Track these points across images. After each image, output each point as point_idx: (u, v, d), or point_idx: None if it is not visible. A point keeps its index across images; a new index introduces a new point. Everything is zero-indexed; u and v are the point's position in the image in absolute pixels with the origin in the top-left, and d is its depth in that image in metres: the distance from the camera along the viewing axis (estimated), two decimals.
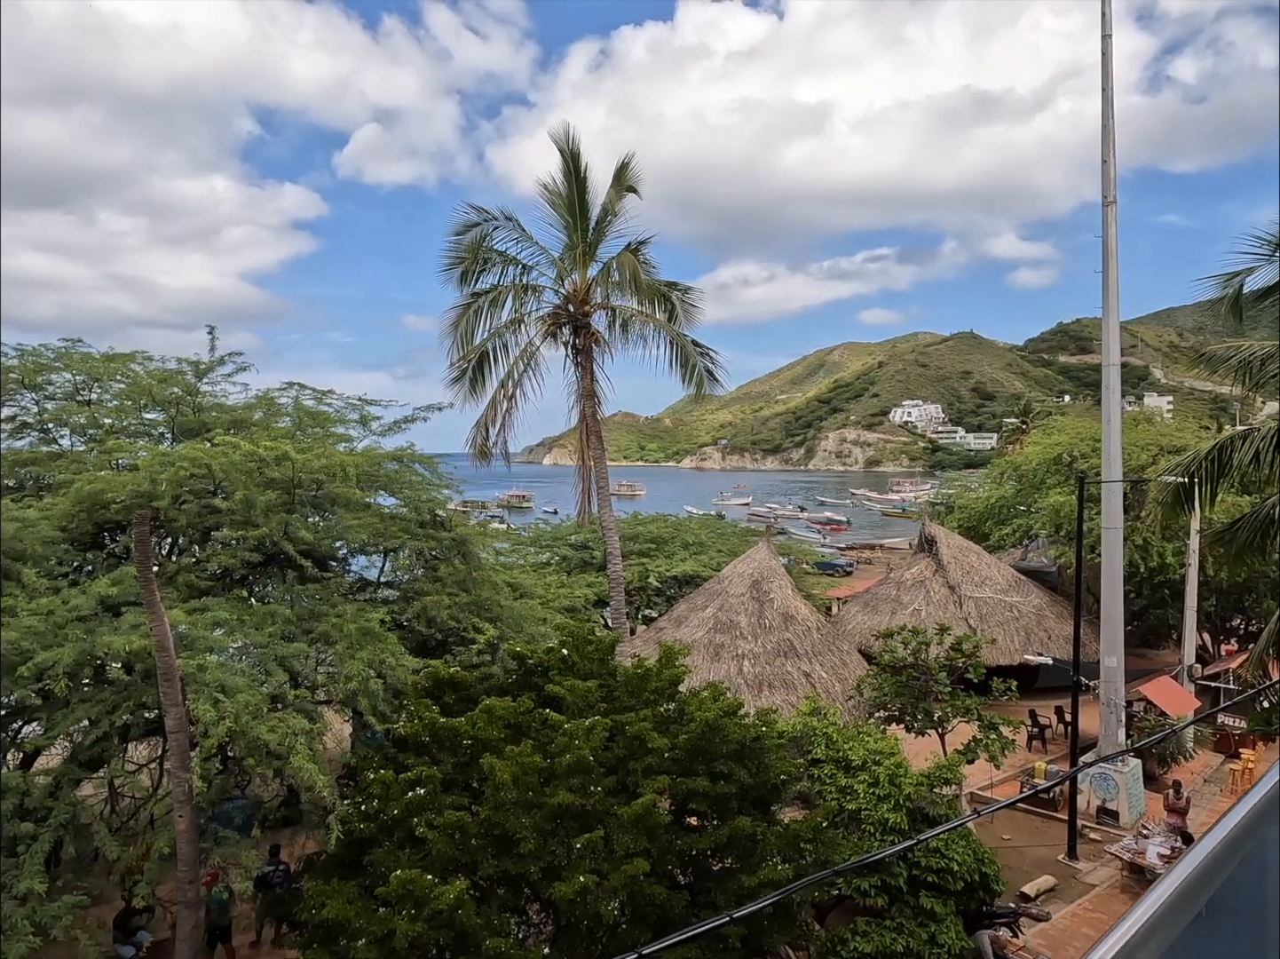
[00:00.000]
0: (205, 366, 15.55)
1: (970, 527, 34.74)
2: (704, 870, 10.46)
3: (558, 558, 32.33)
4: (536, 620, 15.95)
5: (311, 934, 9.38)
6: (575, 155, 16.58)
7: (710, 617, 23.51)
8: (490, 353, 16.60)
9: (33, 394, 14.53)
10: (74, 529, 11.71)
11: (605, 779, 9.54)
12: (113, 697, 9.49)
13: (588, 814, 9.30)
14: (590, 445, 17.06)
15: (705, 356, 17.49)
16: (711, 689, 11.56)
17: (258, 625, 10.67)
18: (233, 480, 11.55)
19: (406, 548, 14.06)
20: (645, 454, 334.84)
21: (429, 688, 11.07)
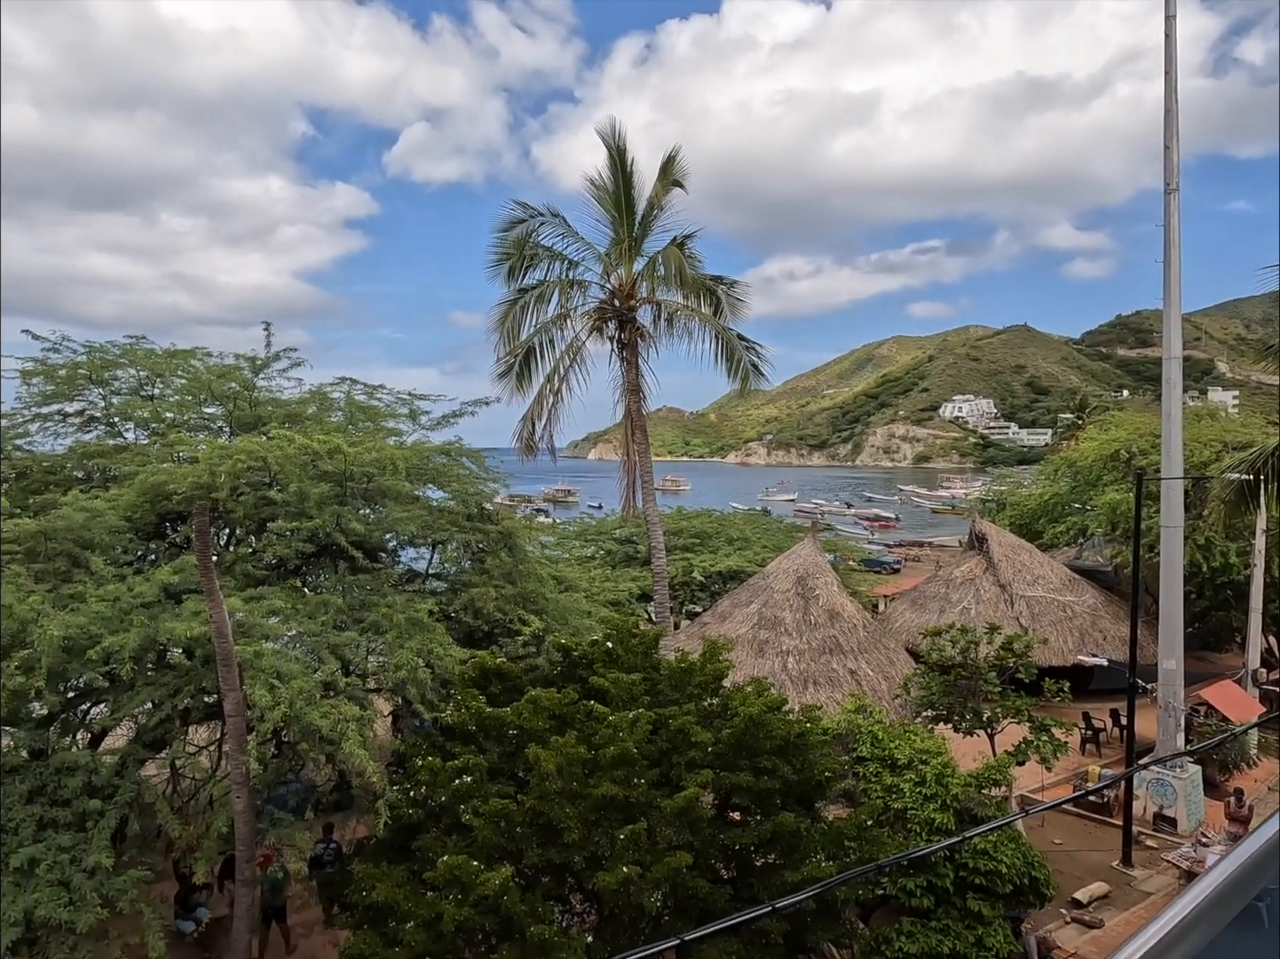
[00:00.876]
0: (261, 362, 15.98)
1: (1023, 524, 33.98)
2: (747, 865, 10.46)
3: (602, 552, 32.53)
4: (581, 613, 16.08)
5: (362, 915, 9.62)
6: (621, 150, 16.61)
7: (754, 612, 23.41)
8: (536, 348, 16.76)
9: (100, 389, 15.09)
10: (138, 519, 12.15)
11: (649, 772, 9.60)
12: (174, 681, 9.84)
13: (631, 806, 9.37)
14: (635, 440, 17.12)
15: (751, 351, 17.41)
16: (755, 684, 11.54)
17: (311, 614, 10.95)
18: (287, 473, 11.86)
19: (454, 540, 14.29)
20: (690, 449, 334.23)
21: (476, 678, 11.26)
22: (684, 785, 9.53)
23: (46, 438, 14.82)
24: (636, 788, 9.34)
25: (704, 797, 9.81)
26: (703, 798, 9.68)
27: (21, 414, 14.52)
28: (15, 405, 14.47)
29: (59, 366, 14.60)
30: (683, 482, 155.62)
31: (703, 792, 9.63)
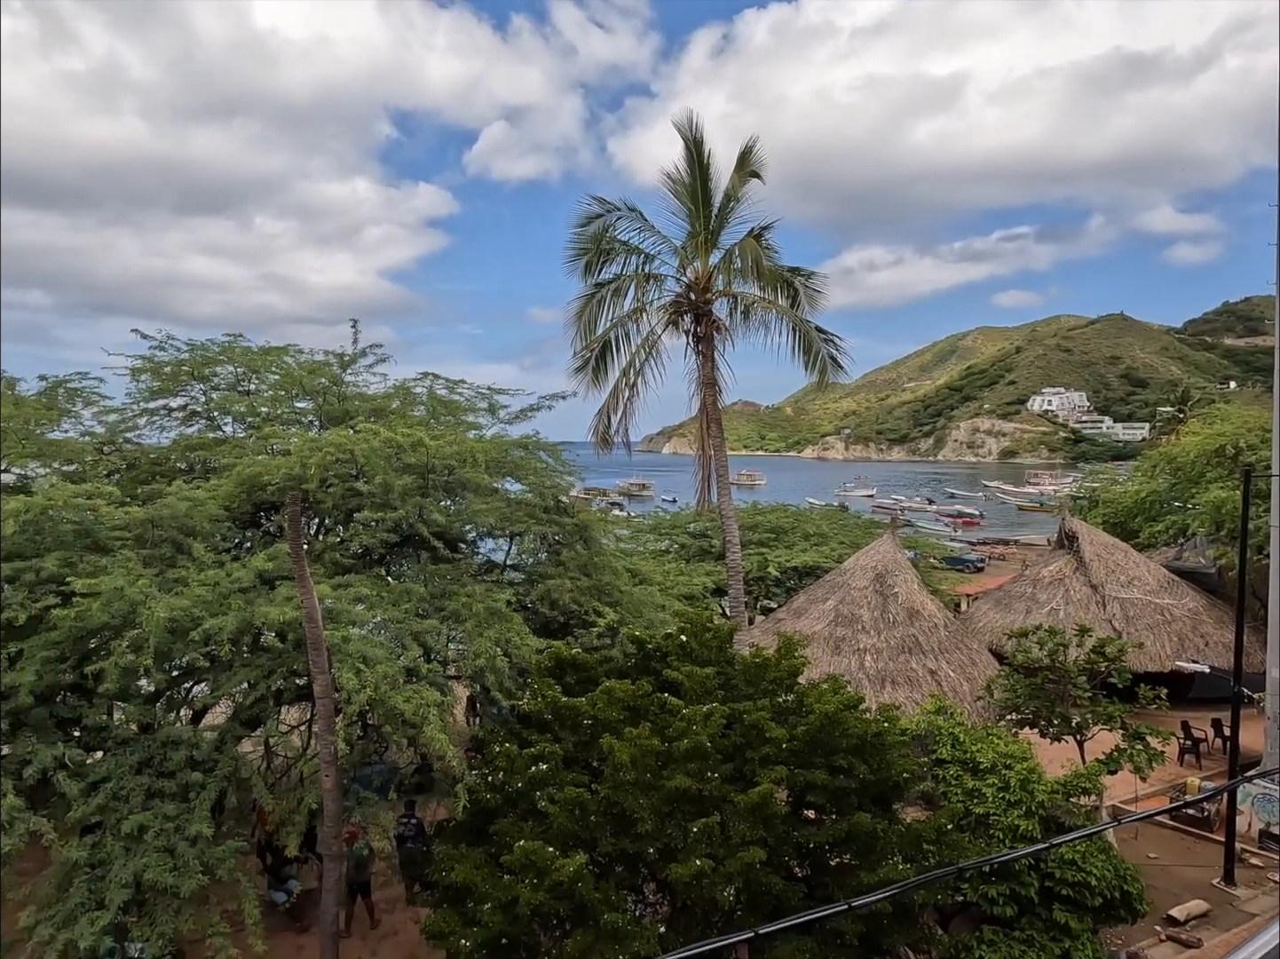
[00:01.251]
0: (349, 358, 16.56)
1: (1117, 523, 32.43)
2: (821, 864, 10.34)
3: (676, 546, 32.53)
4: (655, 606, 16.13)
5: (442, 894, 9.92)
6: (698, 142, 16.53)
7: (831, 609, 23.06)
8: (612, 342, 16.85)
9: (201, 385, 15.92)
10: (235, 508, 12.76)
11: (722, 766, 9.59)
12: (268, 662, 10.32)
13: (704, 799, 9.37)
14: (710, 433, 17.04)
15: (829, 343, 17.11)
16: (832, 682, 11.38)
17: (394, 602, 11.32)
18: (373, 465, 12.26)
19: (531, 532, 14.52)
20: (765, 443, 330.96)
21: (551, 668, 11.43)
22: (758, 781, 9.48)
23: (153, 431, 15.75)
24: (710, 782, 9.34)
25: (778, 793, 9.74)
26: (777, 794, 9.61)
27: (131, 409, 15.45)
28: (125, 401, 15.41)
29: (164, 364, 15.46)
30: (758, 476, 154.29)
31: (777, 788, 9.56)
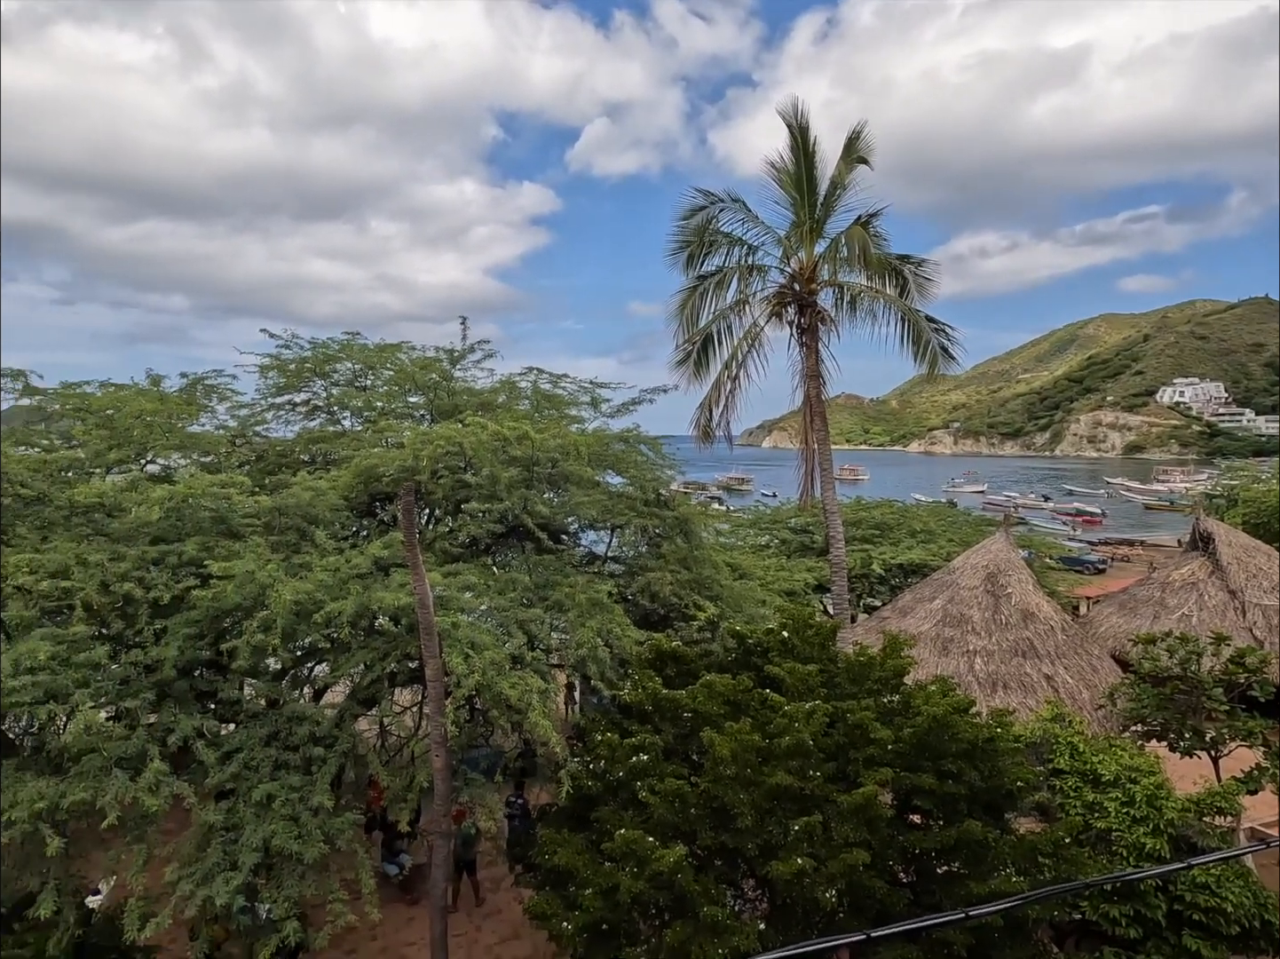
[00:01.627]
0: (458, 354, 17.10)
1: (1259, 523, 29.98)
2: (927, 872, 10.02)
3: (777, 541, 32.14)
4: (756, 601, 16.00)
5: (544, 877, 10.16)
6: (804, 130, 16.21)
7: (939, 609, 22.25)
8: (714, 335, 16.76)
9: (322, 381, 16.79)
10: (353, 498, 13.41)
11: (824, 765, 9.42)
12: (383, 645, 10.80)
13: (805, 798, 9.24)
14: (814, 427, 16.73)
15: (940, 333, 16.49)
16: (940, 684, 11.00)
17: (500, 591, 11.64)
18: (480, 458, 12.64)
19: (632, 525, 14.65)
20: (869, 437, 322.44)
21: (652, 659, 11.50)
22: (861, 782, 9.27)
23: (279, 425, 16.73)
24: (812, 780, 9.20)
25: (882, 795, 9.49)
26: (881, 797, 9.37)
27: (259, 404, 16.46)
28: (254, 396, 16.43)
29: (289, 362, 16.38)
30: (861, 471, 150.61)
31: (881, 790, 9.32)
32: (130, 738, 8.97)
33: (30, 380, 13.54)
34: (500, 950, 13.48)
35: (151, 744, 9.03)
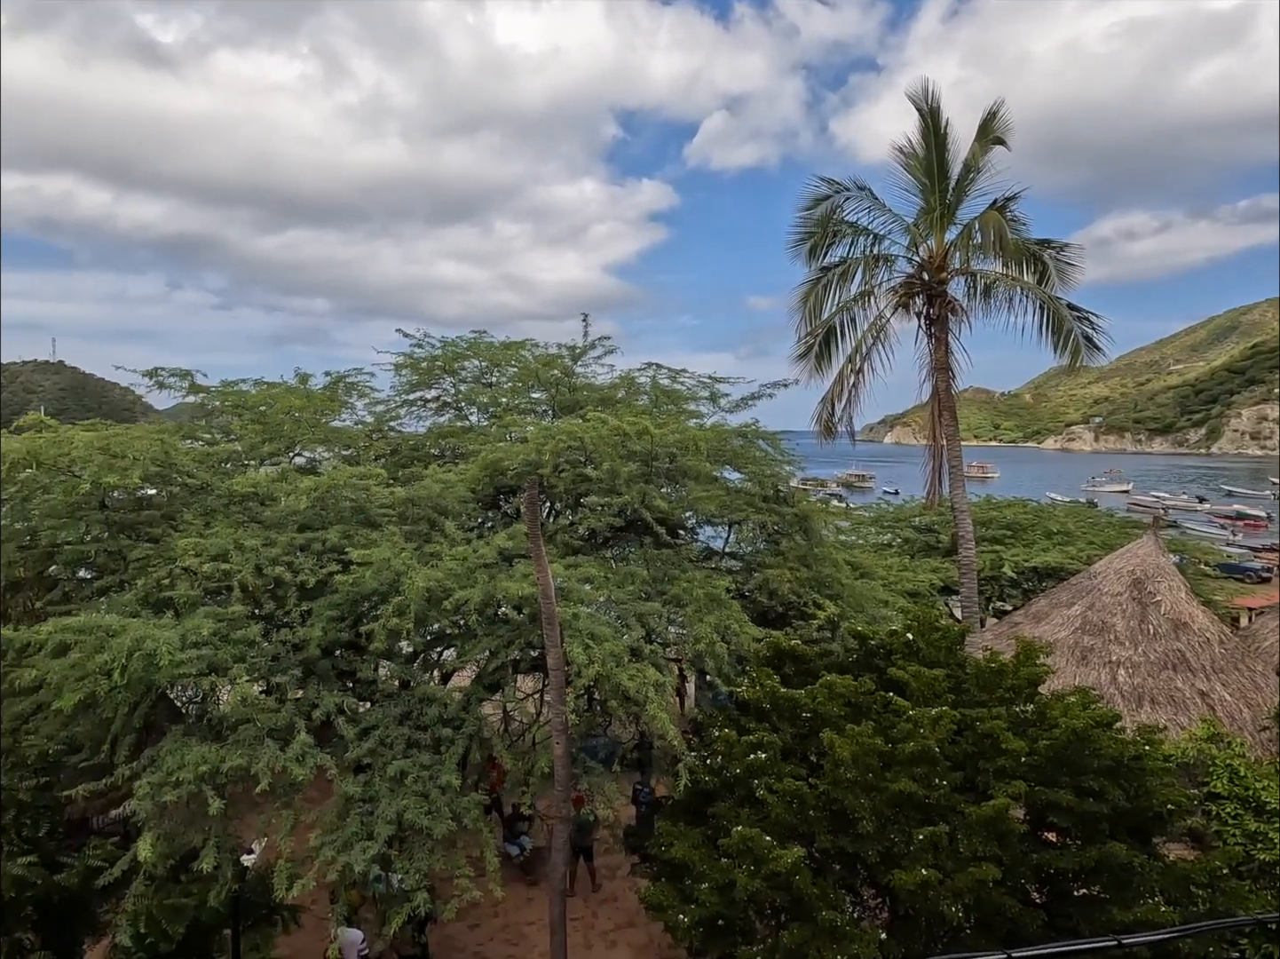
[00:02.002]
0: (580, 351, 17.43)
1: None
2: (1063, 893, 9.46)
3: (900, 540, 31.09)
4: (878, 602, 15.54)
5: (661, 869, 10.24)
6: (935, 112, 15.55)
7: (1077, 615, 20.95)
8: (837, 327, 16.34)
9: (451, 379, 17.50)
10: (480, 491, 13.91)
11: (951, 774, 9.05)
12: (507, 633, 11.17)
13: (930, 807, 8.91)
14: (942, 422, 16.06)
15: (1083, 321, 15.46)
16: (1080, 695, 10.35)
17: (619, 584, 11.79)
18: (601, 452, 12.84)
19: (750, 521, 14.52)
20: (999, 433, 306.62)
21: (770, 657, 11.38)
22: (991, 794, 8.86)
23: (411, 420, 17.57)
24: (937, 789, 8.86)
25: (1014, 809, 9.03)
26: (1013, 810, 8.91)
27: (394, 400, 17.34)
28: (389, 393, 17.31)
29: (421, 360, 17.16)
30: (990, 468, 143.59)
31: (1013, 804, 8.87)
32: (280, 711, 9.66)
33: (195, 379, 14.77)
34: (616, 937, 13.70)
35: (298, 718, 9.69)
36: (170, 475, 12.36)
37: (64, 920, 9.05)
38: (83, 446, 11.16)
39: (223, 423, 15.38)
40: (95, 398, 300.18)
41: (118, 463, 11.09)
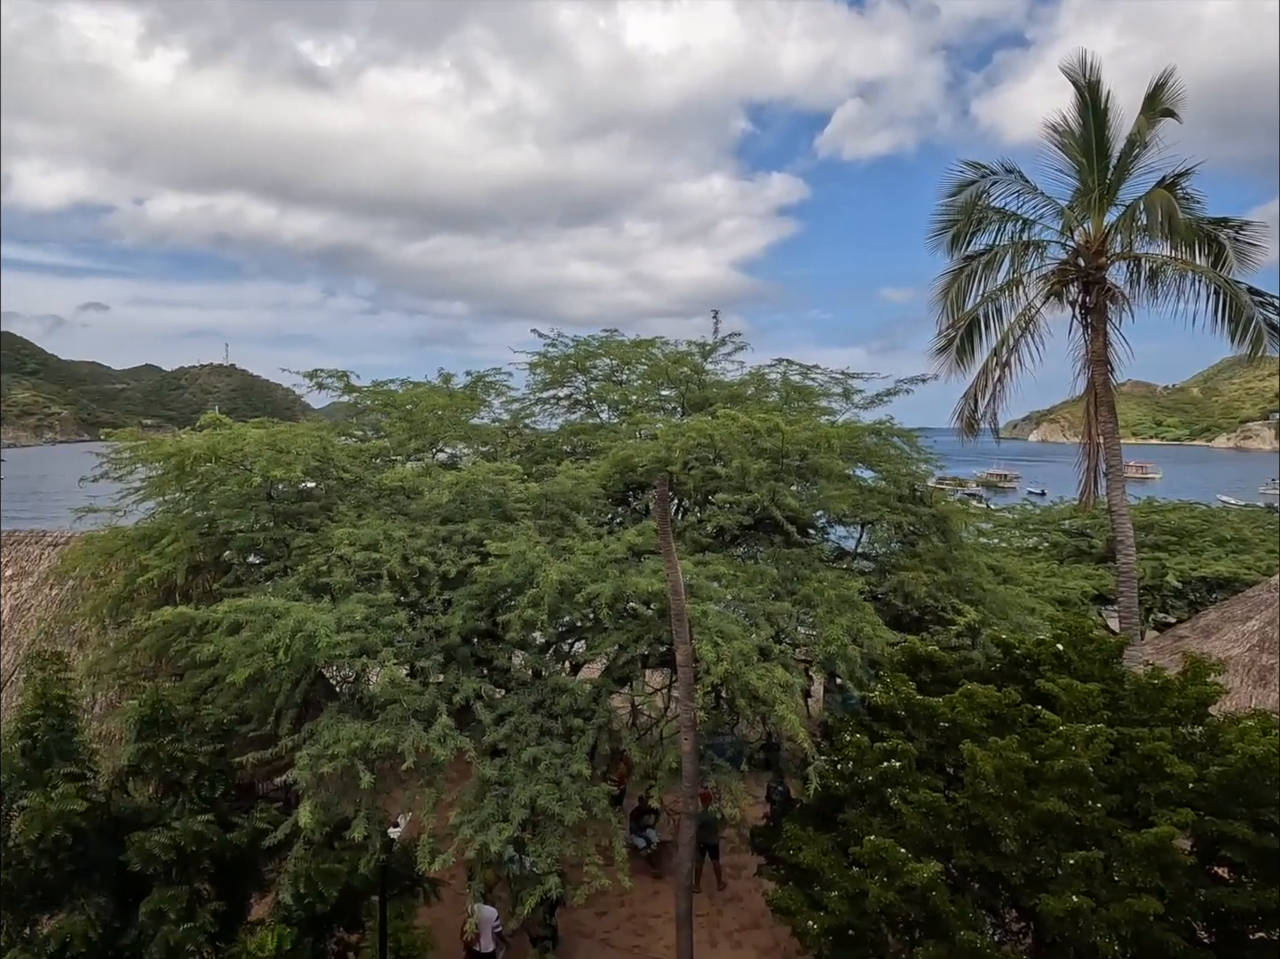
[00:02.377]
0: (709, 347, 17.40)
1: None
2: (1236, 935, 8.64)
3: (1047, 544, 29.24)
4: (1023, 609, 14.69)
5: (788, 872, 10.10)
6: (1094, 86, 14.46)
7: (1254, 631, 19.05)
8: (982, 319, 15.50)
9: (582, 377, 17.88)
10: (610, 487, 14.15)
11: (1106, 796, 8.44)
12: (636, 628, 11.31)
13: (1082, 830, 8.35)
14: (1099, 418, 14.95)
15: (1266, 307, 13.99)
16: (1259, 719, 9.39)
17: (748, 582, 11.70)
18: (730, 449, 12.77)
19: (884, 521, 14.06)
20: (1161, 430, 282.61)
21: (905, 663, 10.97)
22: (1153, 821, 8.19)
23: (545, 417, 18.08)
24: (1090, 812, 8.28)
25: (1179, 840, 8.31)
26: (1178, 841, 8.21)
27: (528, 398, 17.89)
28: (524, 391, 17.87)
29: (554, 359, 17.62)
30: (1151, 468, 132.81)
31: (1179, 833, 8.16)
32: (423, 694, 10.18)
33: (350, 380, 15.79)
34: (741, 937, 13.63)
35: (440, 701, 10.19)
36: (327, 470, 13.28)
37: (235, 876, 9.90)
38: (253, 443, 12.17)
39: (373, 420, 16.37)
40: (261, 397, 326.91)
41: (283, 458, 12.01)
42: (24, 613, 14.36)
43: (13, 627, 14.20)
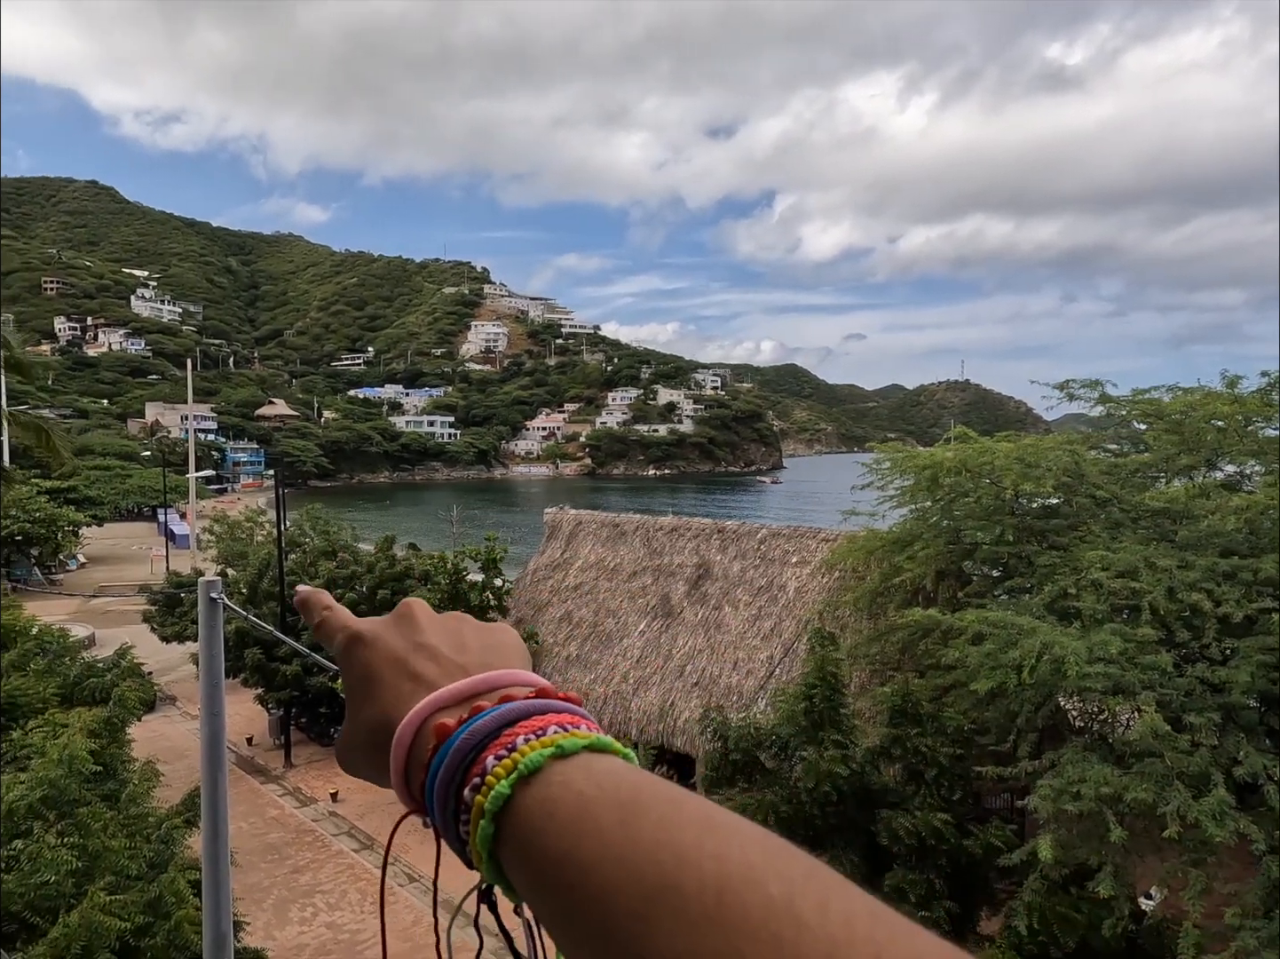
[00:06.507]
0: None
1: None
2: None
3: None
4: None
5: None
6: None
7: None
8: None
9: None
10: None
11: None
12: None
13: None
14: None
15: None
16: None
17: None
18: None
19: None
20: None
21: None
22: None
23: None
24: None
25: None
26: None
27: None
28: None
29: None
30: None
31: None
32: (1193, 755, 8.61)
33: (1105, 389, 14.47)
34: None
35: (1215, 769, 8.47)
36: (1076, 486, 12.42)
37: (966, 883, 10.04)
38: (1003, 456, 12.16)
39: (1130, 433, 14.70)
40: (991, 410, 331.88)
41: (1032, 472, 11.69)
42: (803, 594, 17.36)
43: (794, 604, 17.31)
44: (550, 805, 0.44)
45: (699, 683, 16.82)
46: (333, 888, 13.60)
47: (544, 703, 0.51)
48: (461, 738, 0.49)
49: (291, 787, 17.93)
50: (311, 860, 14.59)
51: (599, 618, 19.29)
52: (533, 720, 0.49)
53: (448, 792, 0.48)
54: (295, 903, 13.11)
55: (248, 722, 20.75)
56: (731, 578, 18.44)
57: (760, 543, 18.76)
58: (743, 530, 19.49)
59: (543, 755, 0.46)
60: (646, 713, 16.77)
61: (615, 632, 18.80)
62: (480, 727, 0.49)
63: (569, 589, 20.32)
